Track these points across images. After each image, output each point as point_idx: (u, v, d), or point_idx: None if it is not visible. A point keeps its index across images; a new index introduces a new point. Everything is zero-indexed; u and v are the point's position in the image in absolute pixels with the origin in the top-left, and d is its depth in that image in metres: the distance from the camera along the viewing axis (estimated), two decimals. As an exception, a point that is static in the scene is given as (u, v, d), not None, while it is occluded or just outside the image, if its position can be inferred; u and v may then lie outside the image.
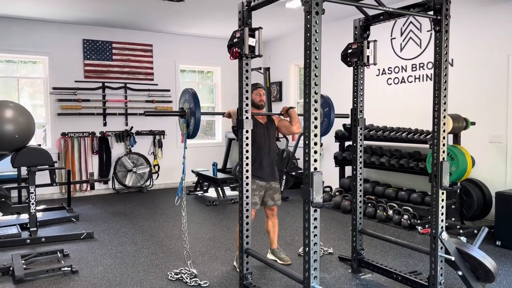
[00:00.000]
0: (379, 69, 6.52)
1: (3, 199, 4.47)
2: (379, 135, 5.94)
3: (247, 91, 3.15)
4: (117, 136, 7.79)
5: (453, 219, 4.93)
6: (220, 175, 6.99)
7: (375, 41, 3.60)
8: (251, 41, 3.02)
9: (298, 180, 7.52)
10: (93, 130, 7.60)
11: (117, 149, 7.83)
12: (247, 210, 3.19)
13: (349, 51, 3.69)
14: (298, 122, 3.91)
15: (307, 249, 2.51)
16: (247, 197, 3.19)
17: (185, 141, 3.60)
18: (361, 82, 3.69)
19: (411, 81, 6.09)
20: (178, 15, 6.93)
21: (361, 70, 3.67)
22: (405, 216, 5.24)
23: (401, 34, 6.18)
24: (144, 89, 7.99)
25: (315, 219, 2.48)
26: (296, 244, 4.63)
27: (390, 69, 6.36)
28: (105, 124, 7.71)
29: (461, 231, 4.69)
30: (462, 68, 5.41)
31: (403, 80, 6.20)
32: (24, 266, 3.79)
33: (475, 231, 4.70)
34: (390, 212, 5.51)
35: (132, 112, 7.89)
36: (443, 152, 3.00)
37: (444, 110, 3.01)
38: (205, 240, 4.83)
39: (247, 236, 3.21)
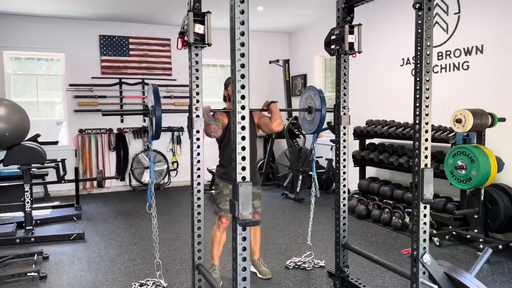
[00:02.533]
0: (403, 59, 5.85)
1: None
2: (398, 133, 5.31)
3: (197, 86, 2.78)
4: (134, 132, 7.70)
5: (475, 230, 4.26)
6: (231, 174, 6.65)
7: (359, 25, 3.08)
8: (197, 28, 2.64)
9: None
10: (110, 127, 7.55)
11: (134, 146, 7.74)
12: (198, 221, 2.83)
13: (332, 37, 3.20)
14: (279, 118, 3.48)
15: (235, 274, 2.10)
16: (198, 205, 2.83)
17: (150, 142, 3.29)
18: (344, 73, 3.18)
19: (437, 72, 5.38)
20: (202, 8, 6.66)
21: (344, 60, 3.16)
22: (422, 225, 4.61)
23: (426, 18, 5.47)
24: (162, 84, 7.82)
25: (244, 239, 2.06)
26: (289, 254, 4.20)
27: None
28: (122, 121, 7.64)
29: (480, 246, 4.01)
30: (494, 56, 4.67)
31: (428, 71, 5.49)
32: (-6, 269, 3.69)
33: (500, 246, 4.01)
34: (407, 219, 4.91)
35: (150, 108, 7.74)
36: (425, 157, 2.46)
37: (427, 105, 2.46)
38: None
39: (199, 250, 2.84)
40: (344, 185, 3.30)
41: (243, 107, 1.97)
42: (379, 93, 6.27)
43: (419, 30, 2.41)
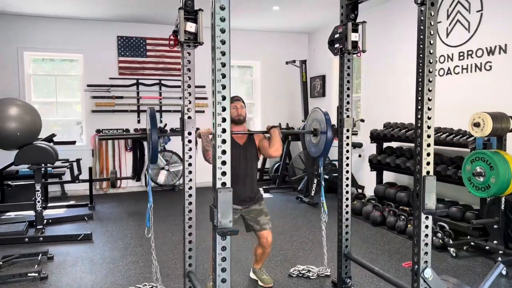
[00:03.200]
0: (423, 59, 5.59)
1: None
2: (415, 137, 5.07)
3: (189, 86, 2.69)
4: (151, 133, 7.70)
5: (495, 241, 4.00)
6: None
7: (363, 22, 2.91)
8: (189, 27, 2.55)
9: (333, 184, 6.80)
10: (127, 127, 7.59)
11: (150, 147, 7.73)
12: (189, 227, 2.74)
13: (336, 36, 3.04)
14: (277, 143, 3.29)
15: (214, 286, 1.99)
16: (190, 211, 2.74)
17: (148, 165, 3.19)
18: (348, 73, 3.01)
19: (458, 72, 5.11)
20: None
21: (347, 59, 3.00)
22: (438, 234, 4.38)
23: (448, 16, 5.22)
24: (179, 85, 7.79)
25: (223, 248, 1.94)
26: (295, 261, 4.05)
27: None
28: (139, 121, 7.66)
29: (499, 258, 3.75)
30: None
31: (449, 72, 5.23)
32: (-4, 268, 3.71)
33: (521, 260, 3.74)
34: (423, 227, 4.66)
35: (166, 109, 7.76)
36: (427, 163, 2.27)
37: (429, 108, 2.27)
38: (201, 250, 4.43)
39: (190, 257, 2.75)
40: (347, 191, 3.15)
41: (223, 109, 1.85)
42: (397, 94, 6.03)
43: (421, 27, 2.23)
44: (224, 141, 1.89)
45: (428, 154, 2.27)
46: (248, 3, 6.39)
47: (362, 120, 6.66)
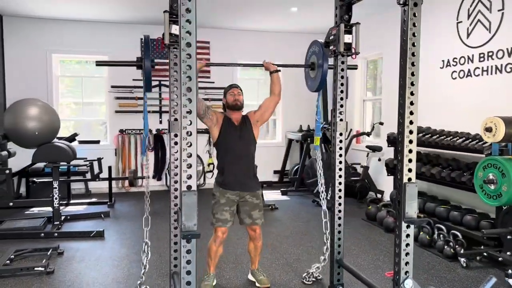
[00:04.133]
0: (443, 61, 5.40)
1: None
2: (431, 141, 4.91)
3: (177, 88, 2.71)
4: (172, 133, 7.84)
5: (508, 253, 3.79)
6: (260, 178, 6.51)
7: (357, 23, 2.84)
8: (174, 29, 2.57)
9: (349, 188, 6.68)
10: (149, 128, 7.72)
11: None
12: (175, 228, 2.76)
13: (330, 37, 2.99)
14: (278, 85, 3.47)
15: None
16: (175, 212, 2.75)
17: (145, 95, 3.19)
18: (342, 76, 2.95)
19: (478, 74, 4.89)
20: (236, 10, 6.75)
21: (341, 61, 2.93)
22: (450, 243, 4.21)
23: (468, 16, 5.00)
24: (200, 87, 7.89)
25: (189, 251, 1.95)
26: (296, 266, 4.01)
27: (455, 60, 5.21)
28: (160, 122, 7.81)
29: (509, 271, 3.55)
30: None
31: (469, 74, 5.02)
32: (8, 261, 3.87)
33: (534, 273, 3.53)
34: (435, 235, 4.50)
35: (188, 110, 7.86)
36: (409, 170, 2.19)
37: (411, 112, 2.19)
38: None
39: (175, 258, 2.77)
40: (340, 197, 3.07)
41: (189, 100, 1.86)
42: (425, 98, 5.82)
43: (404, 28, 2.15)
44: (189, 144, 1.89)
45: (410, 160, 2.18)
46: (267, 5, 6.39)
47: (381, 123, 6.50)
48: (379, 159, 6.64)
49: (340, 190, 3.06)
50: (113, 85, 7.54)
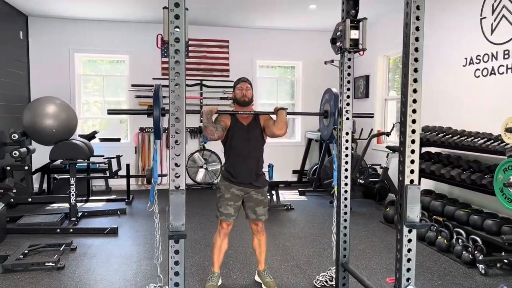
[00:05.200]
0: (466, 58, 5.18)
1: (4, 191, 4.78)
2: (451, 142, 4.71)
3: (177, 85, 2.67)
4: (191, 132, 7.89)
5: (530, 261, 3.59)
6: (276, 178, 6.45)
7: (364, 19, 2.73)
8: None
9: (368, 190, 6.52)
10: (167, 126, 7.77)
11: (190, 145, 7.91)
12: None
13: (337, 34, 2.89)
14: (282, 123, 3.23)
15: (168, 288, 1.96)
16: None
17: (155, 142, 3.24)
18: (348, 73, 2.84)
19: (502, 72, 4.66)
20: (254, 8, 6.71)
21: (347, 58, 2.83)
22: (469, 248, 4.03)
23: (493, 11, 4.78)
24: (219, 86, 7.89)
25: (176, 252, 1.91)
26: (306, 268, 3.92)
27: (478, 57, 4.99)
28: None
29: (530, 280, 3.36)
30: None
31: (492, 72, 4.79)
32: (21, 256, 3.95)
33: (557, 283, 3.33)
34: (454, 240, 4.32)
35: (207, 109, 7.87)
36: (411, 171, 2.08)
37: (414, 110, 2.07)
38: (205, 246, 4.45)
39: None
40: (346, 198, 2.96)
41: (177, 96, 1.82)
42: (437, 96, 5.63)
43: (407, 22, 2.04)
44: (177, 142, 1.85)
45: (412, 161, 2.07)
46: (285, 3, 6.33)
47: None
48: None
49: (346, 191, 2.95)
50: (133, 84, 7.62)
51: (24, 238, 4.64)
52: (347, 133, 2.88)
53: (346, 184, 2.92)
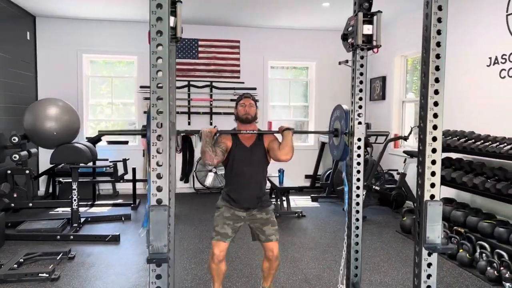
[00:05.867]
0: (490, 58, 4.83)
1: (-1, 196, 4.62)
2: (474, 147, 4.38)
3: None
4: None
5: None
6: (287, 184, 6.17)
7: (378, 12, 2.46)
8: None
9: (384, 197, 6.19)
10: (177, 129, 7.56)
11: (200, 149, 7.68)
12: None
13: (349, 29, 2.62)
14: (287, 147, 2.92)
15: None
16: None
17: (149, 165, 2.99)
18: (361, 73, 2.56)
19: (531, 72, 4.31)
20: (267, 7, 6.48)
21: (360, 56, 2.55)
22: (494, 264, 3.69)
23: (519, 7, 4.43)
24: (230, 87, 7.66)
25: (158, 277, 1.66)
26: (315, 283, 3.64)
27: (504, 56, 4.64)
28: (189, 123, 7.64)
29: None
30: None
31: (519, 72, 4.44)
32: (15, 265, 3.76)
33: None
34: (477, 253, 3.98)
35: (217, 111, 7.65)
36: (432, 185, 1.80)
37: (435, 115, 1.79)
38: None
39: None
40: (358, 211, 2.67)
41: (161, 99, 1.58)
42: (458, 98, 5.28)
43: (427, 13, 1.76)
44: (159, 150, 1.61)
45: (433, 174, 1.79)
46: (297, 1, 6.07)
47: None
48: (418, 166, 6.10)
49: (358, 204, 2.66)
50: (142, 85, 7.45)
51: (23, 245, 4.47)
52: (359, 139, 2.59)
53: (358, 196, 2.64)
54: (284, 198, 6.07)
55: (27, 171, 5.01)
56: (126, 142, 7.53)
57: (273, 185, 6.33)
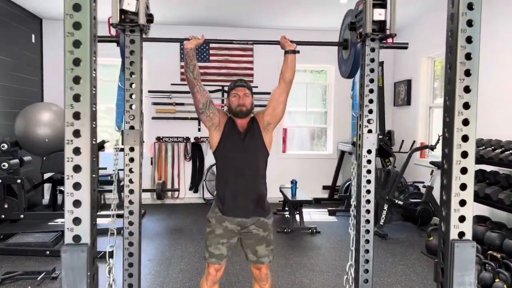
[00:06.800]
0: (531, 56, 4.22)
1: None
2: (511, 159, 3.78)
3: (132, 85, 2.01)
4: (211, 142, 7.25)
5: None
6: (300, 196, 5.67)
7: (393, -8, 1.96)
8: (127, 4, 1.87)
9: (408, 212, 5.60)
10: (187, 135, 7.22)
11: (211, 157, 7.25)
12: (129, 265, 2.04)
13: (357, 16, 2.13)
14: (290, 68, 2.75)
15: None
16: (130, 243, 2.05)
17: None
18: (370, 69, 2.06)
19: None
20: (282, 6, 6.05)
21: (370, 48, 2.06)
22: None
23: None
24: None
25: None
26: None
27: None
28: (199, 130, 7.24)
29: None
30: None
31: None
32: (-10, 286, 3.42)
33: None
34: (518, 285, 3.39)
35: (229, 117, 7.23)
36: (461, 219, 1.29)
37: (465, 121, 1.28)
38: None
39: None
40: (368, 231, 2.16)
41: (76, 97, 1.14)
42: (492, 103, 4.67)
43: (451, 22, 1.26)
44: (77, 151, 1.16)
45: (463, 203, 1.28)
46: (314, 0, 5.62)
47: (449, 135, 5.36)
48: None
49: (368, 222, 2.15)
50: (150, 90, 7.10)
51: (9, 261, 4.14)
52: (369, 151, 2.08)
53: (368, 212, 2.13)
54: (296, 213, 5.56)
55: (19, 180, 4.68)
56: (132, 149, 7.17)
57: (285, 197, 5.84)
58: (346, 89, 7.41)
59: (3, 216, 4.61)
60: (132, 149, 2.04)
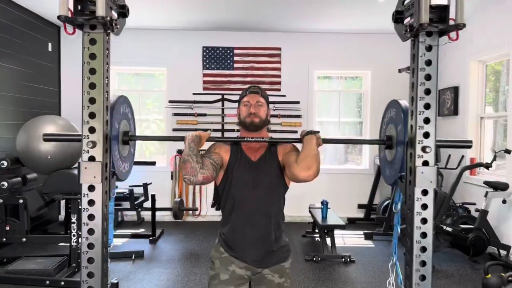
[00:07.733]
0: None
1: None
2: None
3: (92, 100, 1.49)
4: (234, 155, 6.72)
5: None
6: (332, 219, 5.02)
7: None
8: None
9: (458, 240, 4.84)
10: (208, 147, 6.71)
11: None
12: None
13: (405, 3, 1.53)
14: (309, 158, 1.90)
15: None
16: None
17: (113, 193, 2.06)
18: (426, 75, 1.45)
19: None
20: (312, 8, 5.49)
21: (426, 47, 1.44)
22: None
23: None
24: (269, 101, 6.64)
25: None
26: None
27: None
28: (223, 142, 6.72)
29: None
30: None
31: None
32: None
33: None
34: None
35: (254, 129, 6.69)
36: None
37: None
38: None
39: None
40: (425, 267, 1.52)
41: None
42: None
43: None
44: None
45: None
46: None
47: (508, 151, 4.59)
48: (504, 201, 4.71)
49: (424, 263, 1.52)
50: (170, 100, 6.67)
51: (5, 292, 3.73)
52: (424, 192, 1.46)
53: (423, 249, 1.50)
54: (327, 238, 4.92)
55: (21, 200, 4.30)
56: (153, 163, 6.73)
57: (315, 220, 5.22)
58: (384, 96, 6.71)
59: (4, 239, 4.22)
60: (91, 188, 1.48)
